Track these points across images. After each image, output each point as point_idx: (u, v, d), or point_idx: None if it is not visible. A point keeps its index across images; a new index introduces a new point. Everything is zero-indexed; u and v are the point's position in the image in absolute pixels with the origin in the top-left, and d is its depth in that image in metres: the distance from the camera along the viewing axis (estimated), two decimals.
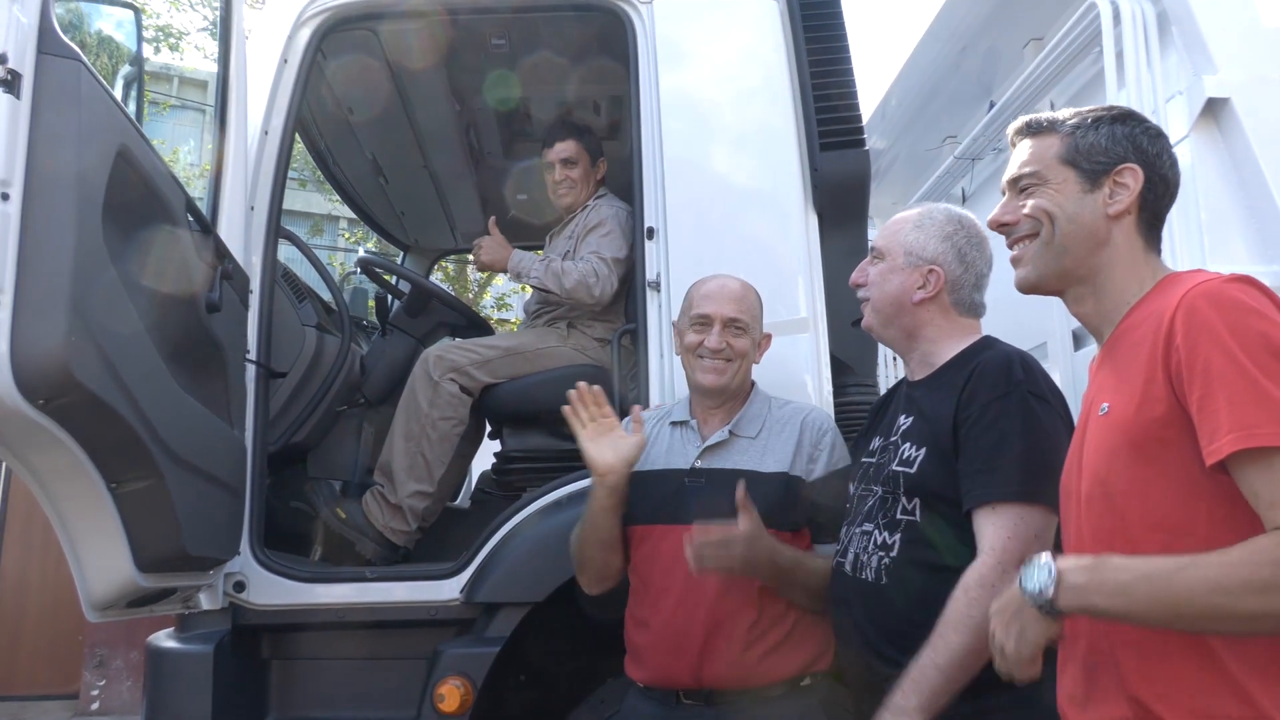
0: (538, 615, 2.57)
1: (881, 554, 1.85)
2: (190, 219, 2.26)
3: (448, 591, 2.63)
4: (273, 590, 2.65)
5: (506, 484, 3.24)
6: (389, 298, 3.83)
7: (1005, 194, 1.62)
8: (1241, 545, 1.18)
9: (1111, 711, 1.33)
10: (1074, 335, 3.09)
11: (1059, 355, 3.13)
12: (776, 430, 2.23)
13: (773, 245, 2.77)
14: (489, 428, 3.46)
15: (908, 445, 1.88)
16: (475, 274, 11.21)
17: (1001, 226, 1.62)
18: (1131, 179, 1.49)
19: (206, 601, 2.60)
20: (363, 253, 5.52)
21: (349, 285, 4.70)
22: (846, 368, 2.81)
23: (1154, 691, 1.28)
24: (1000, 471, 1.71)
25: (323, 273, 3.38)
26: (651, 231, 2.78)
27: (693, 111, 2.86)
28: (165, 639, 2.64)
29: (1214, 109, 2.74)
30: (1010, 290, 1.66)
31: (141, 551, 2.02)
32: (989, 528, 1.70)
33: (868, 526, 1.91)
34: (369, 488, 3.12)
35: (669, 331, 2.63)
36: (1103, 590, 1.25)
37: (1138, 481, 1.32)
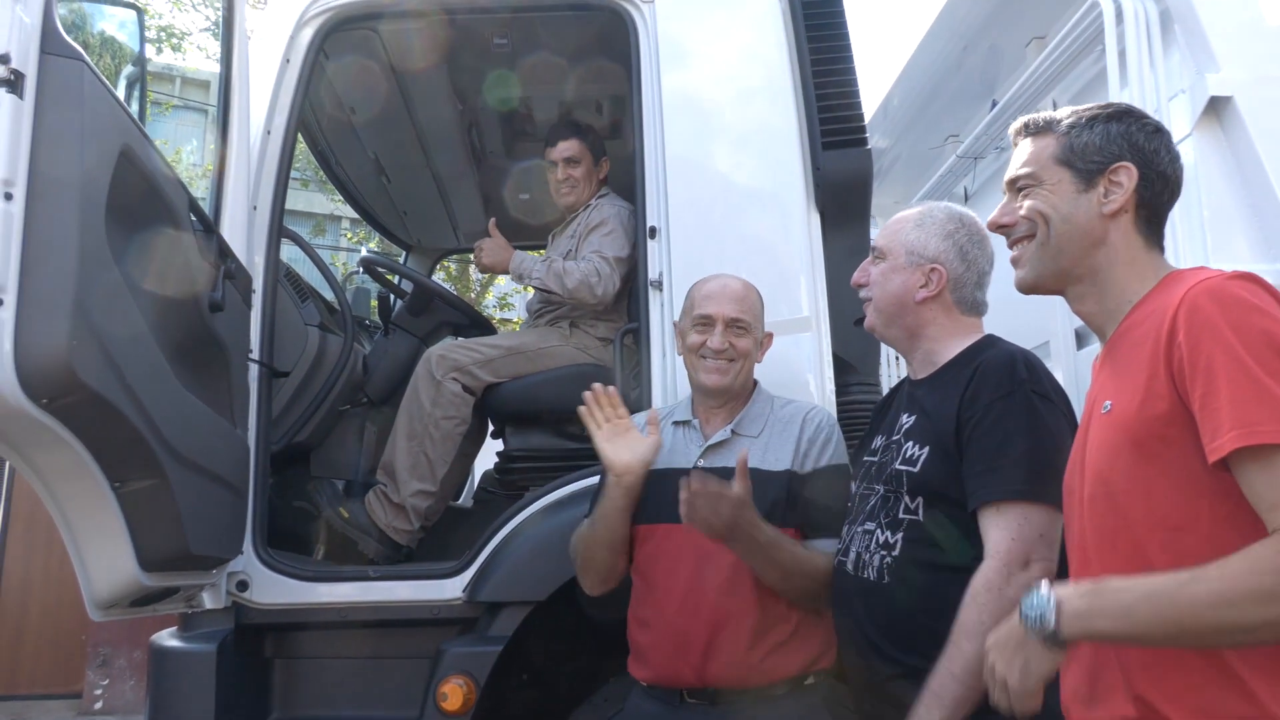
0: (540, 614, 2.57)
1: (884, 553, 1.84)
2: (193, 219, 2.26)
3: (450, 591, 2.64)
4: (276, 589, 2.65)
5: (509, 483, 3.24)
6: (391, 297, 3.83)
7: (1006, 195, 1.63)
8: (1240, 555, 1.17)
9: (1116, 710, 1.33)
10: (1076, 334, 3.09)
11: (1061, 354, 3.12)
12: (778, 429, 2.23)
13: (775, 244, 2.77)
14: (491, 427, 3.46)
15: (910, 444, 1.87)
16: (477, 274, 11.21)
17: (1000, 228, 1.63)
18: (1126, 177, 1.49)
19: (209, 601, 2.60)
20: (365, 252, 5.52)
21: (351, 285, 4.70)
22: (849, 367, 2.81)
23: (1159, 690, 1.28)
24: (1003, 471, 1.71)
25: (325, 272, 3.38)
26: (654, 231, 2.78)
27: (695, 111, 2.86)
28: (168, 638, 2.65)
29: (1217, 107, 2.74)
30: (1012, 289, 1.66)
31: (145, 550, 2.03)
32: (993, 530, 1.70)
33: (870, 525, 1.91)
34: (372, 487, 3.12)
35: (671, 331, 2.63)
36: (1106, 614, 1.25)
37: (1140, 480, 1.32)
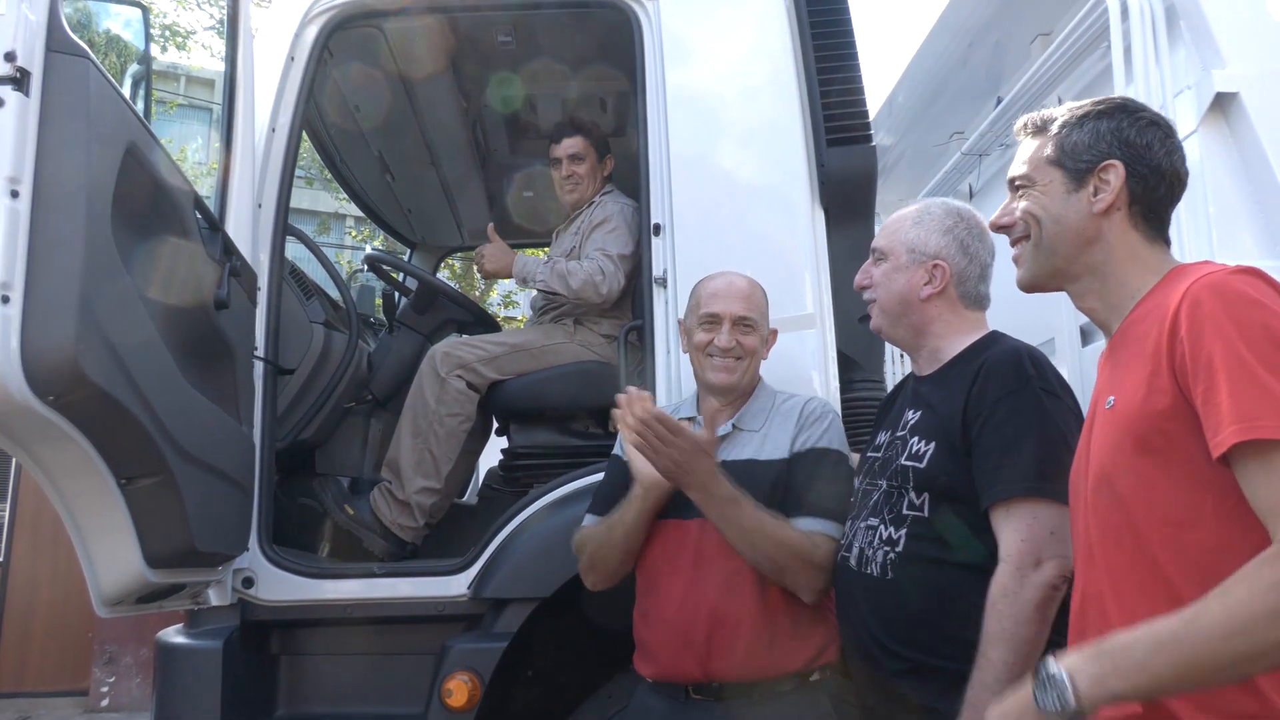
0: (545, 610, 2.58)
1: (887, 549, 1.84)
2: (198, 216, 2.27)
3: (455, 587, 2.64)
4: (281, 586, 2.66)
5: (514, 480, 3.24)
6: (396, 295, 3.84)
7: (1008, 194, 1.64)
8: (1237, 578, 1.13)
9: (1124, 707, 1.32)
10: (1081, 331, 3.09)
11: (1066, 351, 3.12)
12: (779, 422, 2.24)
13: (779, 241, 2.76)
14: (496, 424, 3.47)
15: (916, 440, 1.87)
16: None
17: (1000, 228, 1.64)
18: (1114, 175, 1.49)
19: (215, 597, 2.61)
20: (370, 250, 5.52)
21: (356, 282, 4.70)
22: (853, 364, 2.80)
23: None
24: (1012, 468, 1.70)
25: (330, 270, 3.39)
26: (658, 228, 2.78)
27: (699, 107, 2.86)
28: (174, 635, 2.66)
29: (1222, 103, 2.73)
30: (1016, 287, 1.67)
31: (151, 547, 2.03)
32: (1004, 531, 1.70)
33: (873, 521, 1.90)
34: (377, 484, 3.13)
35: (676, 328, 2.63)
36: (1121, 673, 1.17)
37: (1142, 476, 1.31)
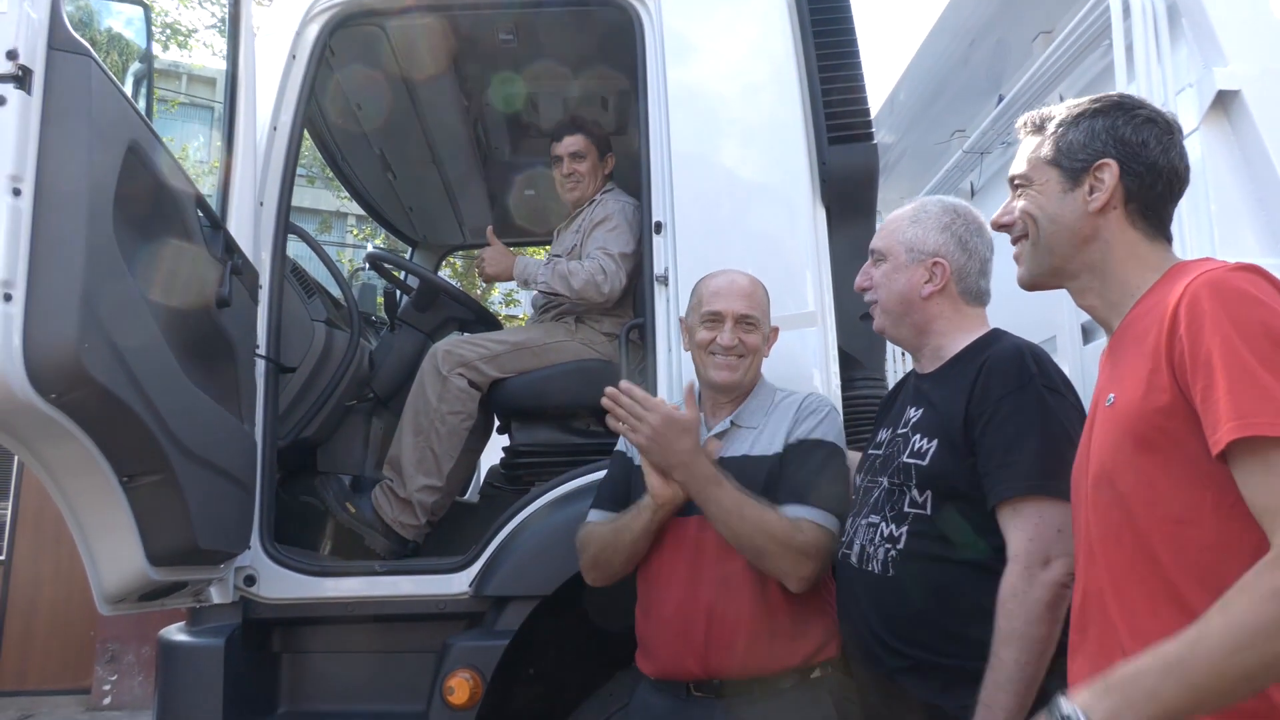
0: (546, 611, 2.58)
1: (888, 546, 1.84)
2: (200, 215, 2.27)
3: (457, 585, 2.64)
4: (283, 584, 2.66)
5: (515, 478, 3.25)
6: (398, 293, 3.84)
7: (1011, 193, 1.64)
8: (1236, 589, 1.12)
9: None
10: (1083, 329, 3.08)
11: (1068, 349, 3.11)
12: (778, 417, 2.24)
13: (781, 239, 2.76)
14: (497, 422, 3.47)
15: (919, 437, 1.87)
16: None
17: (1000, 227, 1.64)
18: (1108, 174, 1.49)
19: (217, 595, 2.61)
20: (371, 248, 5.52)
21: (358, 281, 4.70)
22: (855, 362, 2.80)
23: None
24: (1017, 467, 1.70)
25: (332, 268, 3.39)
26: (659, 226, 2.77)
27: (700, 106, 2.86)
28: (176, 633, 2.66)
29: (1224, 101, 2.72)
30: (1017, 285, 1.67)
31: (153, 545, 2.03)
32: (1011, 531, 1.69)
33: (874, 518, 1.90)
34: (378, 482, 3.13)
35: (677, 326, 2.63)
36: (1133, 706, 1.13)
37: (1142, 473, 1.31)
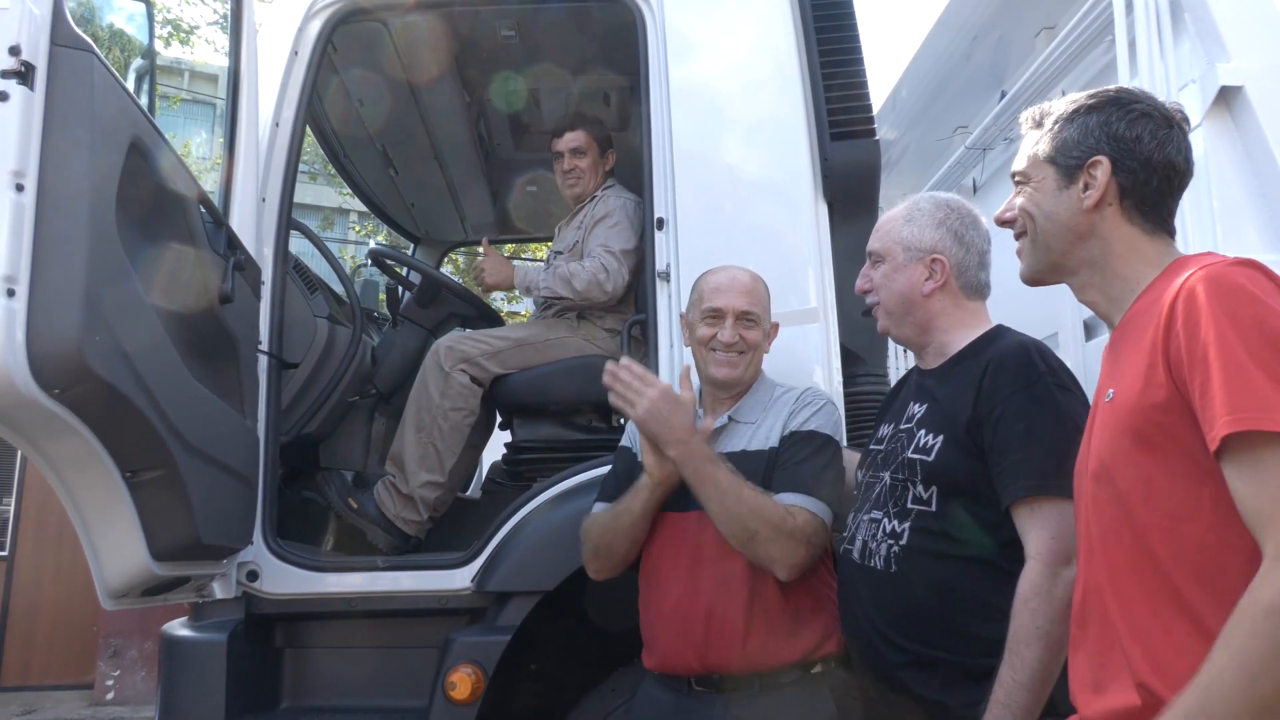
0: (548, 604, 2.58)
1: (891, 542, 1.84)
2: (203, 211, 2.27)
3: (459, 581, 2.65)
4: (285, 579, 2.66)
5: (517, 474, 3.25)
6: (400, 289, 3.84)
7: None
8: (1234, 620, 1.11)
9: (1121, 699, 1.32)
10: (1085, 325, 3.09)
11: (1070, 345, 3.12)
12: (775, 412, 2.25)
13: (783, 235, 2.76)
14: (499, 418, 3.47)
15: (924, 433, 1.86)
16: None
17: (1002, 223, 1.65)
18: (1100, 171, 1.50)
19: (220, 590, 2.62)
20: (373, 245, 5.52)
21: (360, 277, 4.70)
22: (857, 358, 2.81)
23: (1164, 679, 1.27)
24: (1033, 465, 1.69)
25: (334, 264, 3.39)
26: (661, 222, 2.78)
27: (703, 102, 2.86)
28: (179, 628, 2.67)
29: (1227, 97, 2.72)
30: (1019, 281, 1.67)
31: (156, 540, 2.04)
32: (1031, 529, 1.68)
33: (876, 514, 1.90)
34: (380, 478, 3.13)
35: (678, 322, 2.63)
36: None
37: (1140, 469, 1.31)
